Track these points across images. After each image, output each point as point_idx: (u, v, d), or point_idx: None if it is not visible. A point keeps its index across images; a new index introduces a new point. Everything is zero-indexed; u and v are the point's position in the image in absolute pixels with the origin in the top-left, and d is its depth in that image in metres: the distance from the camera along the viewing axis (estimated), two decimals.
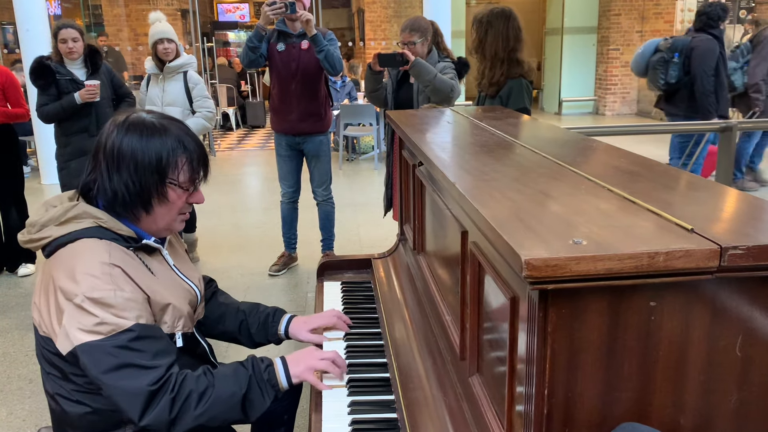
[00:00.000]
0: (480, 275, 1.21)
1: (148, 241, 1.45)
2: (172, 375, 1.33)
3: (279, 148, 4.20)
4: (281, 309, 1.81)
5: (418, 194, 1.95)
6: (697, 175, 1.29)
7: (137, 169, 1.38)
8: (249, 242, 5.13)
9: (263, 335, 1.77)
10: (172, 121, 1.45)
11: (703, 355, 0.91)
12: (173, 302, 1.44)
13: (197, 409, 1.33)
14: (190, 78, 4.12)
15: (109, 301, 1.29)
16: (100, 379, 1.28)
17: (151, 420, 1.29)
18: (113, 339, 1.28)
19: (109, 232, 1.38)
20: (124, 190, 1.38)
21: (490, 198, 1.08)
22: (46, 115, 3.94)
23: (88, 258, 1.33)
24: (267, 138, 10.72)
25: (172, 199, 1.43)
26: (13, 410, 2.83)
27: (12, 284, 4.32)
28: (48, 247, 1.39)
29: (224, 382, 1.38)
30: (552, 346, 0.87)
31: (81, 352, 1.28)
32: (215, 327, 1.75)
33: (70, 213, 1.38)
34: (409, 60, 3.32)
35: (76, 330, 1.28)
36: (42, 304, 1.36)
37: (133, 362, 1.28)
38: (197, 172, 1.46)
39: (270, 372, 1.44)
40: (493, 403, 1.16)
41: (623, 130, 5.04)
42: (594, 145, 1.64)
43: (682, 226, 0.91)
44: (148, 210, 1.42)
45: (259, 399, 1.40)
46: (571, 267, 0.80)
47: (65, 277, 1.31)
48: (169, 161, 1.39)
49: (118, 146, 1.38)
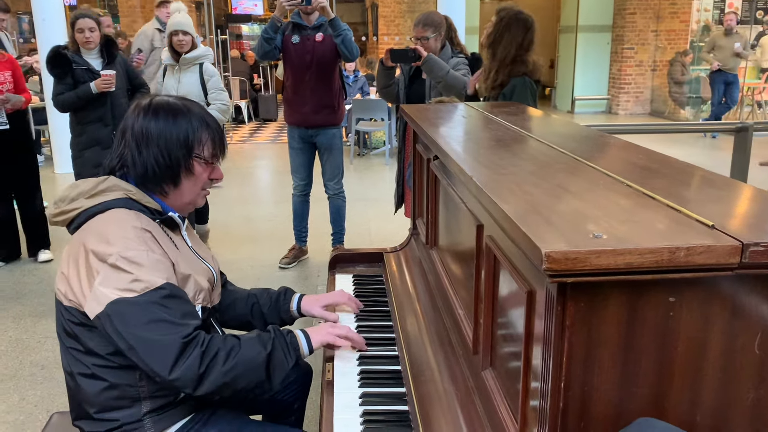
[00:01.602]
0: (495, 269, 1.21)
1: (173, 214, 1.51)
2: (200, 333, 1.37)
3: (292, 140, 4.21)
4: (291, 288, 1.86)
5: (431, 188, 1.94)
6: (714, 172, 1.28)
7: (167, 145, 1.46)
8: (260, 235, 5.15)
9: (275, 315, 1.80)
10: (193, 103, 1.56)
11: (721, 352, 0.90)
12: (194, 275, 1.48)
13: (225, 365, 1.35)
14: (205, 70, 4.13)
15: (142, 260, 1.34)
16: (133, 335, 1.30)
17: (181, 373, 1.30)
18: (147, 295, 1.32)
19: (137, 204, 1.45)
20: (154, 164, 1.46)
21: (508, 192, 1.07)
22: (62, 104, 3.96)
23: (121, 223, 1.39)
24: (279, 131, 10.74)
25: (198, 173, 1.51)
26: (25, 395, 2.86)
27: (26, 272, 4.36)
28: (77, 219, 1.44)
29: (249, 342, 1.42)
30: (569, 340, 0.87)
31: (113, 311, 1.31)
32: (227, 313, 1.77)
33: (101, 186, 1.45)
34: (421, 56, 3.29)
35: (110, 289, 1.32)
36: (71, 272, 1.39)
37: (165, 318, 1.32)
38: (219, 148, 1.55)
39: (292, 337, 1.49)
40: (506, 397, 1.16)
41: (638, 128, 5.01)
42: (611, 141, 1.63)
43: (703, 223, 0.90)
44: (177, 183, 1.50)
45: (281, 361, 1.43)
46: (591, 261, 0.79)
47: (98, 241, 1.36)
48: (195, 137, 1.49)
49: (146, 126, 1.46)
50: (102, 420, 1.43)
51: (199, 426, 1.49)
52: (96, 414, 1.43)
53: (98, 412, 1.43)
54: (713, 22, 12.26)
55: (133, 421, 1.43)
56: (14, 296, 3.96)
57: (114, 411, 1.42)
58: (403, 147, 3.62)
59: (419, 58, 3.30)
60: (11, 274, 4.33)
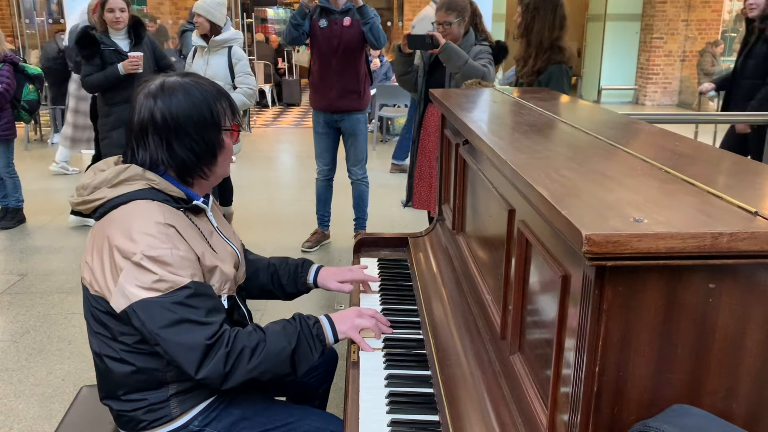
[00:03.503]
0: (527, 254, 1.20)
1: (197, 201, 1.48)
2: (225, 331, 1.37)
3: (316, 125, 4.21)
4: (309, 260, 1.87)
5: (459, 174, 1.93)
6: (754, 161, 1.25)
7: (197, 129, 1.42)
8: (283, 218, 5.18)
9: (293, 285, 1.82)
10: (191, 75, 1.50)
11: (759, 341, 0.89)
12: (220, 265, 1.47)
13: (250, 363, 1.37)
14: (234, 53, 4.13)
15: (166, 259, 1.32)
16: (159, 335, 1.31)
17: (207, 373, 1.33)
18: (171, 296, 1.32)
19: (161, 194, 1.41)
20: (191, 154, 1.43)
21: (544, 176, 1.06)
22: (90, 84, 4.01)
23: (144, 218, 1.35)
24: (302, 116, 10.75)
25: (227, 145, 1.50)
26: (53, 370, 2.92)
27: (53, 250, 4.43)
28: (101, 209, 1.42)
29: (274, 337, 1.42)
30: (606, 324, 0.86)
31: (138, 309, 1.31)
32: (251, 283, 1.79)
33: (123, 175, 1.41)
34: (439, 43, 3.16)
35: (135, 287, 1.31)
36: (95, 264, 1.39)
37: (189, 318, 1.32)
38: (234, 111, 1.52)
39: (317, 328, 1.48)
40: (535, 381, 1.15)
41: (667, 118, 4.93)
42: (645, 128, 1.60)
43: (745, 209, 0.89)
44: (215, 162, 1.48)
45: (307, 353, 1.44)
46: (633, 244, 0.79)
47: (122, 236, 1.34)
48: (217, 109, 1.45)
49: (168, 114, 1.40)
50: (129, 401, 1.45)
51: (223, 406, 1.51)
52: (123, 396, 1.45)
53: (126, 394, 1.45)
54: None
55: (159, 402, 1.45)
56: (42, 273, 4.03)
57: (141, 392, 1.44)
58: (418, 138, 3.54)
59: (437, 46, 3.16)
60: (38, 251, 4.41)
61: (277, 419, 1.53)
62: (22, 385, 2.80)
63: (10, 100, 4.64)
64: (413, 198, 3.62)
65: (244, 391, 1.54)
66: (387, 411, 1.38)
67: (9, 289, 3.80)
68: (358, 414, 1.37)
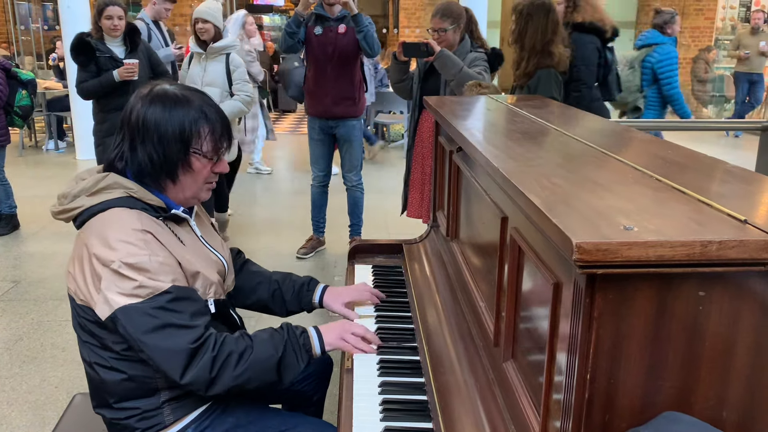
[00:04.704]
0: (519, 261, 1.21)
1: (176, 211, 1.47)
2: (211, 335, 1.37)
3: (312, 131, 4.22)
4: (315, 278, 1.85)
5: (453, 180, 1.94)
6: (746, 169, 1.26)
7: (161, 140, 1.40)
8: (278, 225, 5.18)
9: (297, 303, 1.80)
10: (194, 92, 1.48)
11: (749, 348, 0.89)
12: (202, 270, 1.46)
13: (236, 369, 1.37)
14: (232, 60, 4.13)
15: (145, 265, 1.32)
16: (142, 341, 1.31)
17: (192, 378, 1.33)
18: (152, 301, 1.31)
19: (139, 202, 1.41)
20: (148, 161, 1.41)
21: (535, 183, 1.07)
22: (85, 91, 4.01)
23: (121, 225, 1.36)
24: (297, 123, 10.76)
25: (197, 169, 1.45)
26: (47, 377, 2.91)
27: (47, 257, 4.42)
28: (80, 217, 1.42)
29: (262, 345, 1.42)
30: (597, 332, 0.86)
31: (121, 315, 1.31)
32: (249, 297, 1.78)
33: (102, 183, 1.41)
34: (434, 51, 3.16)
35: (116, 294, 1.31)
36: (77, 273, 1.39)
37: (172, 322, 1.32)
38: (220, 142, 1.47)
39: (304, 338, 1.48)
40: (528, 388, 1.16)
41: (661, 126, 4.96)
42: (638, 135, 1.61)
43: (735, 217, 0.89)
44: (174, 179, 1.44)
45: (293, 363, 1.45)
46: (623, 252, 0.79)
47: (100, 244, 1.34)
48: (192, 131, 1.42)
49: (142, 118, 1.40)
50: (122, 408, 1.45)
51: (217, 414, 1.50)
52: (116, 404, 1.45)
53: (118, 402, 1.45)
54: (739, 20, 12.07)
55: (152, 409, 1.44)
56: (36, 279, 4.02)
57: (133, 400, 1.44)
58: (413, 145, 3.54)
59: (432, 53, 3.17)
60: (32, 257, 4.40)
61: (271, 427, 1.53)
62: (15, 393, 2.78)
63: (3, 105, 4.64)
64: (409, 207, 3.62)
65: (238, 399, 1.54)
66: (381, 418, 1.38)
67: (2, 296, 3.79)
68: (352, 421, 1.37)
